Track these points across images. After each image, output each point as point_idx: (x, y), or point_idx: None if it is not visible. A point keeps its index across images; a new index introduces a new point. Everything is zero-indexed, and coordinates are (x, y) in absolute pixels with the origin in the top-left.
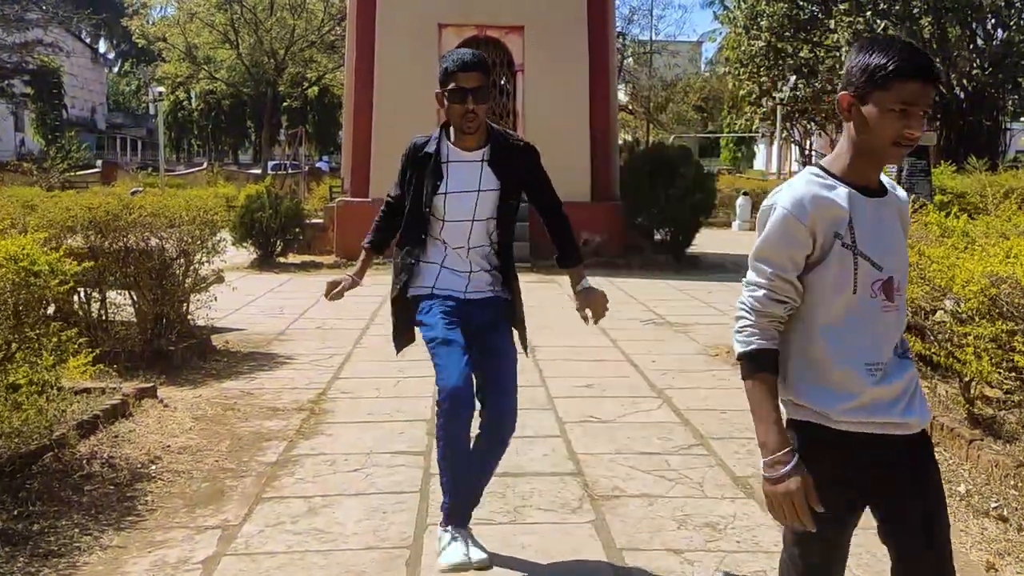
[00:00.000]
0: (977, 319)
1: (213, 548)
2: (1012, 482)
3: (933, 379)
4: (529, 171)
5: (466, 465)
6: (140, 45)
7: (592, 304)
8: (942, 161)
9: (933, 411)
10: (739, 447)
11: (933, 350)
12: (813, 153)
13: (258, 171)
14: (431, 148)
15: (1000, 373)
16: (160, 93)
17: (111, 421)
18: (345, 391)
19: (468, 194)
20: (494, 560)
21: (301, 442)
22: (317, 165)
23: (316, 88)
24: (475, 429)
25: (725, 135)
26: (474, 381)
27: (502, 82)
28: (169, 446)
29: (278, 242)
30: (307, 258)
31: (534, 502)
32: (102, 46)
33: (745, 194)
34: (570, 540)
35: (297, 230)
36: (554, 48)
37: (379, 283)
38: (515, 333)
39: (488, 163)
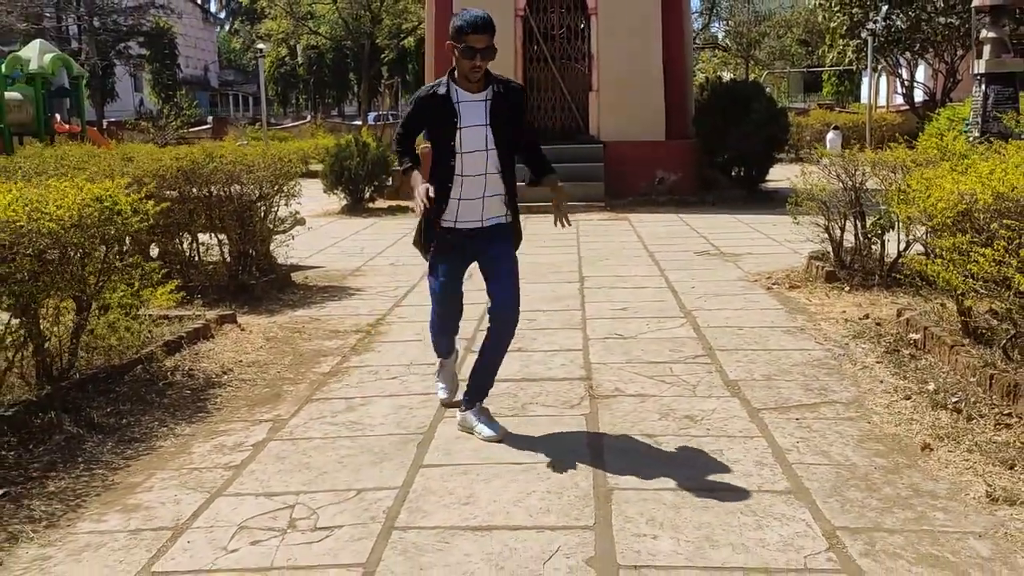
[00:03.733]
0: (947, 234)
1: (263, 435)
2: (975, 379)
3: (943, 298)
4: (514, 108)
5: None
6: (245, 3)
7: (558, 205)
8: None
9: (932, 326)
10: (742, 356)
11: (928, 267)
12: (915, 85)
13: (360, 123)
14: (442, 91)
15: (967, 282)
16: (261, 50)
17: (194, 342)
18: (401, 317)
19: (479, 128)
20: (488, 440)
21: (353, 357)
22: None
23: (412, 39)
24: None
25: (825, 69)
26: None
27: (578, 26)
28: (240, 361)
29: (366, 188)
30: (394, 203)
31: (540, 400)
32: (212, 5)
33: (836, 128)
34: (560, 427)
35: (385, 176)
36: None
37: None
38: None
39: (490, 102)
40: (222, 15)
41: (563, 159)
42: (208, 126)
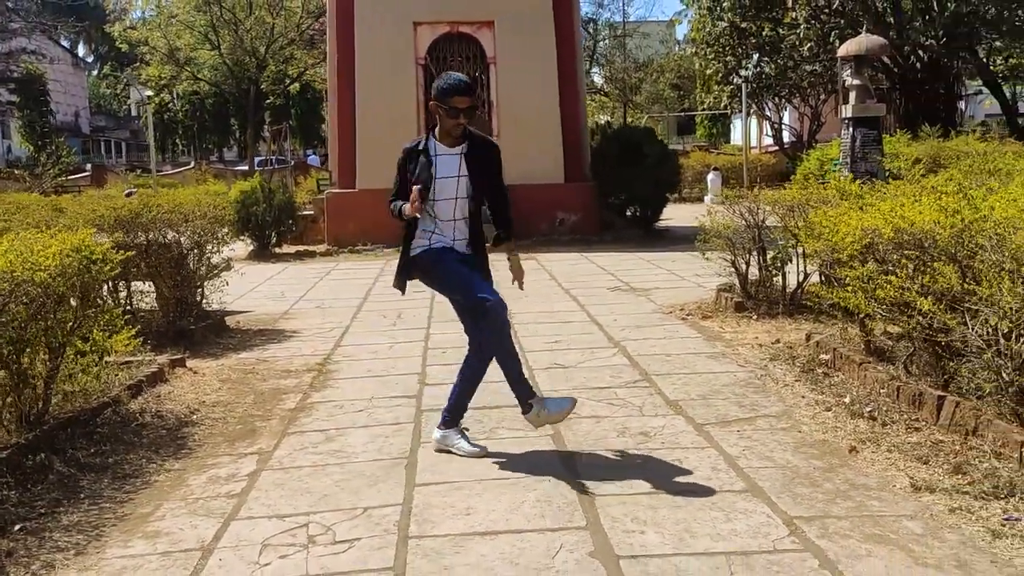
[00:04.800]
0: (855, 264)
1: (254, 466)
2: (884, 391)
3: (846, 322)
4: (490, 163)
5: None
6: (123, 50)
7: (515, 271)
8: (898, 129)
9: (839, 347)
10: (676, 380)
11: (836, 294)
12: (783, 126)
13: (244, 168)
14: (422, 146)
15: (872, 306)
16: (148, 97)
17: (152, 385)
18: (346, 356)
19: (451, 179)
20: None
21: (313, 394)
22: (308, 160)
23: (298, 84)
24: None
25: (700, 113)
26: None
27: (476, 74)
28: (204, 401)
29: (272, 234)
30: (300, 247)
31: (506, 425)
32: (81, 50)
33: (715, 169)
34: (531, 446)
35: (290, 222)
36: (523, 40)
37: (367, 267)
38: None
39: (465, 156)
40: (90, 59)
41: None
42: (87, 173)
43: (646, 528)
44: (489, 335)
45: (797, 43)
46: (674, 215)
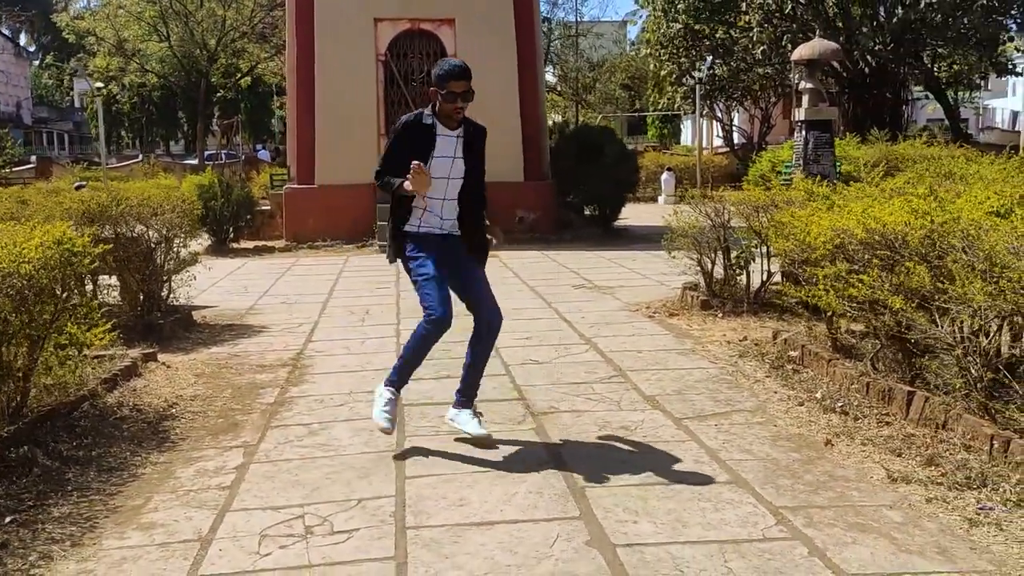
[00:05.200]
0: (826, 264)
1: (241, 459)
2: (854, 387)
3: (812, 320)
4: (481, 146)
5: (420, 362)
6: (70, 40)
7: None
8: (848, 133)
9: (808, 344)
10: (650, 375)
11: (804, 293)
12: (734, 128)
13: (193, 162)
14: (428, 121)
15: (842, 304)
16: (99, 88)
17: (127, 379)
18: (319, 351)
19: (447, 159)
20: (455, 446)
21: (291, 388)
22: (258, 155)
23: (249, 78)
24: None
25: (651, 113)
26: (452, 303)
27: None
28: (181, 395)
29: (230, 229)
30: (258, 243)
31: (489, 418)
32: (23, 39)
33: (669, 169)
34: (516, 439)
35: (248, 217)
36: (483, 38)
37: (328, 263)
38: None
39: (462, 138)
40: (32, 48)
41: None
42: (32, 165)
43: (639, 518)
44: (413, 337)
45: (750, 46)
46: (629, 214)
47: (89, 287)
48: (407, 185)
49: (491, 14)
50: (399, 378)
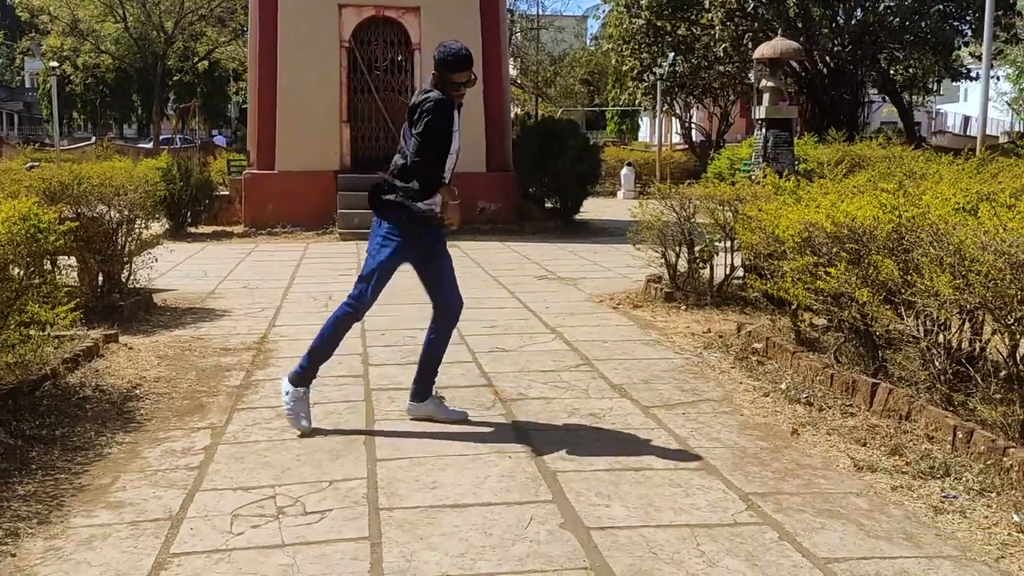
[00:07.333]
0: (795, 256)
1: (208, 440)
2: (819, 378)
3: (775, 312)
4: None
5: (332, 353)
6: (23, 18)
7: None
8: (805, 133)
9: (772, 336)
10: (616, 365)
11: (770, 286)
12: (693, 125)
13: (148, 145)
14: (451, 101)
15: (810, 296)
16: (53, 68)
17: (89, 359)
18: (283, 335)
19: (457, 134)
20: (425, 428)
21: (257, 371)
22: (214, 140)
23: (206, 62)
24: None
25: (610, 108)
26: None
27: (399, 59)
28: (145, 377)
29: (188, 213)
30: (216, 228)
31: (457, 404)
32: None
33: (629, 165)
34: (485, 424)
35: (207, 201)
36: (448, 27)
37: (288, 249)
38: None
39: (458, 113)
40: None
41: None
42: None
43: (611, 502)
44: (328, 323)
45: (711, 44)
46: (590, 208)
47: (47, 266)
48: (445, 194)
49: (457, 3)
50: (308, 370)
